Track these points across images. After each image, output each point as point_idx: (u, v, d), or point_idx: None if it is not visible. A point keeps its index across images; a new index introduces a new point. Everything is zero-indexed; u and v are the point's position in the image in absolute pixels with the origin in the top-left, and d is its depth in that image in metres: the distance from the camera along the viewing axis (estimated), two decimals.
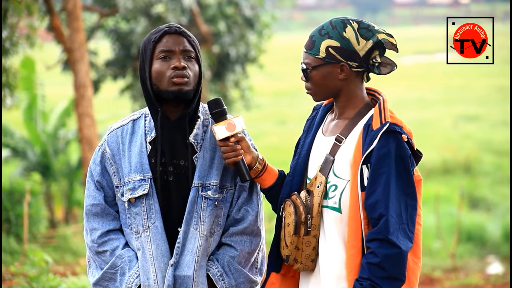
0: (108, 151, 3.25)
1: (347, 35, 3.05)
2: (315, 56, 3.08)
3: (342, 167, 3.05)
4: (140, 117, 3.28)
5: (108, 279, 3.21)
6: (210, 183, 3.19)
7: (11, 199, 12.76)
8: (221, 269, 3.20)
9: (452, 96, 29.47)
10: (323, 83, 3.10)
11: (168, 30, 3.18)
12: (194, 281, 3.15)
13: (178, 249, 3.16)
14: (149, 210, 3.17)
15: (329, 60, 3.07)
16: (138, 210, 3.18)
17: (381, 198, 2.95)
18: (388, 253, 2.92)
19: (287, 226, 3.08)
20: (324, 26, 3.10)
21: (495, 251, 14.47)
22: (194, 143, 3.21)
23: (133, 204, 3.18)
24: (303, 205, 3.06)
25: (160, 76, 3.15)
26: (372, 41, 3.06)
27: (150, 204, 3.17)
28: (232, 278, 3.20)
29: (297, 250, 3.07)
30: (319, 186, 3.06)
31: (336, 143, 3.08)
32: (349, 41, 3.06)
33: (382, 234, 2.93)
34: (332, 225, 3.05)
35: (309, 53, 3.10)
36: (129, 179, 3.19)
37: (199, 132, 3.22)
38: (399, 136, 3.00)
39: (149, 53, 3.17)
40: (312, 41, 3.09)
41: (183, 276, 3.15)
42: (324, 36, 3.07)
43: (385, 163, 2.97)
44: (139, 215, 3.18)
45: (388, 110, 3.05)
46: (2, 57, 9.50)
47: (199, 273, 3.16)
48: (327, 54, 3.07)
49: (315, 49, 3.08)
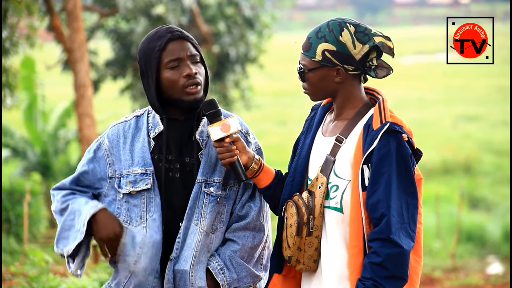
0: (106, 143, 3.27)
1: (343, 39, 3.06)
2: (311, 58, 3.09)
3: (343, 167, 3.05)
4: (143, 114, 3.31)
5: (68, 227, 3.23)
6: (213, 180, 3.21)
7: (11, 199, 12.76)
8: (222, 263, 3.21)
9: (452, 96, 29.48)
10: (320, 84, 3.11)
11: (172, 36, 3.18)
12: (191, 275, 3.16)
13: (179, 244, 3.18)
14: (149, 203, 3.19)
15: (325, 64, 3.08)
16: (137, 202, 3.20)
17: (382, 197, 2.95)
18: (390, 252, 2.93)
19: (289, 227, 3.08)
20: (321, 28, 3.10)
21: (495, 251, 14.47)
22: (200, 140, 3.23)
23: (133, 196, 3.20)
24: (305, 206, 3.06)
25: (173, 85, 3.16)
26: (368, 45, 3.07)
27: (150, 198, 3.19)
28: (234, 271, 3.21)
29: (300, 251, 3.07)
30: (321, 187, 3.06)
31: (336, 143, 3.08)
32: (345, 45, 3.06)
33: (384, 234, 2.93)
34: (334, 225, 3.05)
35: (306, 55, 3.11)
36: (130, 172, 3.20)
37: (204, 129, 3.24)
38: (400, 136, 3.00)
39: (155, 62, 3.17)
40: (309, 43, 3.10)
41: (181, 270, 3.17)
42: (321, 39, 3.07)
43: (386, 163, 2.97)
44: (138, 207, 3.20)
45: (388, 110, 3.06)
46: (2, 57, 9.51)
47: (196, 268, 3.17)
48: (323, 58, 3.08)
49: (312, 52, 3.09)
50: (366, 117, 3.09)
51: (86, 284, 6.28)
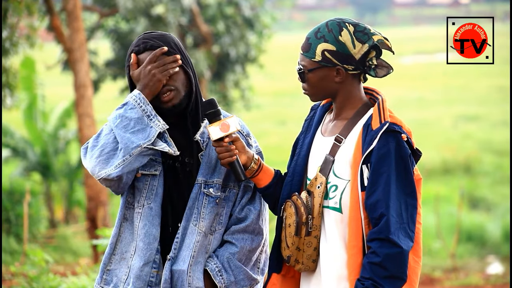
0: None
1: (342, 39, 3.06)
2: (311, 59, 3.09)
3: (342, 167, 3.06)
4: None
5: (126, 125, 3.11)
6: (213, 181, 3.21)
7: (11, 199, 12.77)
8: (220, 265, 3.21)
9: (452, 96, 29.47)
10: (319, 85, 3.11)
11: (137, 50, 3.18)
12: (189, 276, 3.16)
13: (177, 244, 3.18)
14: (151, 190, 3.19)
15: (325, 64, 3.08)
16: (140, 185, 3.19)
17: (381, 198, 2.95)
18: (390, 252, 2.93)
19: (288, 227, 3.08)
20: (320, 28, 3.10)
21: (495, 251, 14.47)
22: (200, 141, 3.23)
23: (138, 178, 3.19)
24: (304, 205, 3.06)
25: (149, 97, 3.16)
26: (368, 44, 3.07)
27: (153, 185, 3.19)
28: (231, 274, 3.21)
29: (298, 251, 3.07)
30: (320, 187, 3.06)
31: (335, 143, 3.08)
32: (345, 45, 3.06)
33: (383, 234, 2.93)
34: (333, 225, 3.06)
35: (305, 55, 3.11)
36: None
37: (205, 130, 3.24)
38: (399, 136, 3.01)
39: (128, 76, 3.20)
40: (308, 43, 3.10)
41: (178, 270, 3.16)
42: (320, 39, 3.07)
43: (385, 163, 2.98)
44: (139, 190, 3.19)
45: (387, 110, 3.06)
46: (2, 57, 9.51)
47: (194, 268, 3.17)
48: (323, 58, 3.08)
49: (311, 52, 3.09)
50: (366, 117, 3.09)
51: (86, 284, 6.28)
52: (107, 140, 3.10)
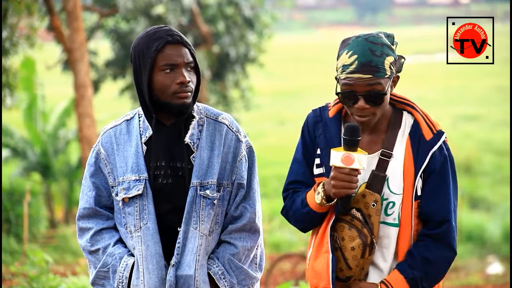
0: (103, 152, 3.24)
1: (393, 46, 3.02)
2: (383, 77, 2.94)
3: (396, 182, 3.02)
4: (133, 117, 3.25)
5: (103, 277, 3.22)
6: (208, 182, 3.17)
7: (11, 199, 12.78)
8: (222, 267, 3.20)
9: (452, 96, 29.48)
10: (387, 102, 3.01)
11: (171, 40, 3.12)
12: (196, 280, 3.15)
13: (179, 249, 3.16)
14: (142, 211, 3.16)
15: (391, 75, 2.98)
16: (131, 210, 3.17)
17: (443, 204, 2.99)
18: (448, 256, 3.00)
19: (352, 250, 3.03)
20: (371, 48, 2.94)
21: (495, 251, 14.48)
22: (191, 143, 3.18)
23: (127, 203, 3.17)
24: (365, 227, 3.02)
25: (164, 89, 3.10)
26: (395, 45, 3.05)
27: (143, 205, 3.15)
28: (233, 276, 3.20)
29: (362, 270, 3.05)
30: (375, 205, 3.00)
31: (383, 158, 3.02)
32: (395, 52, 3.03)
33: (445, 239, 2.99)
34: (387, 239, 3.05)
35: (378, 76, 2.93)
36: (124, 179, 3.17)
37: (194, 132, 3.19)
38: (445, 139, 3.04)
39: (150, 61, 3.10)
40: (373, 65, 2.93)
41: (185, 275, 3.14)
42: (382, 56, 2.95)
43: (445, 170, 3.00)
44: (132, 215, 3.17)
45: (430, 117, 3.05)
46: (2, 57, 9.51)
47: (200, 272, 3.16)
48: (390, 71, 2.98)
49: (382, 71, 2.94)
50: (404, 126, 3.05)
51: (86, 284, 6.29)
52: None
